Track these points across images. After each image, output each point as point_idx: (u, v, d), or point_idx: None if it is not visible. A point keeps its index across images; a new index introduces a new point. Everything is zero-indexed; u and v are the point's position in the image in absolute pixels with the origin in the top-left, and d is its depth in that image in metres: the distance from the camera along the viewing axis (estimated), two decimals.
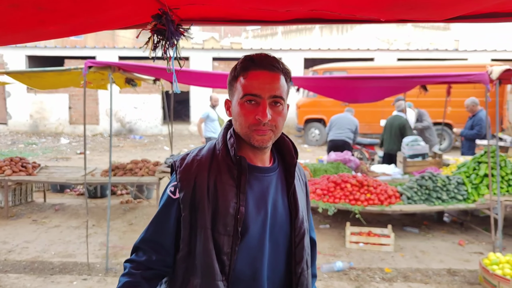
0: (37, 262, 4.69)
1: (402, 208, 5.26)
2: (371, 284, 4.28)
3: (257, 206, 1.30)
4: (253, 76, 1.25)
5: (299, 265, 1.36)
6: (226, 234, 1.25)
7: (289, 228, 1.36)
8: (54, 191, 7.67)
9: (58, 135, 15.60)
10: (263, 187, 1.33)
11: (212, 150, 1.34)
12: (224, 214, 1.25)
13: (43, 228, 5.80)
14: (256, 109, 1.24)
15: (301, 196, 1.42)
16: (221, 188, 1.27)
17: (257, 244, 1.29)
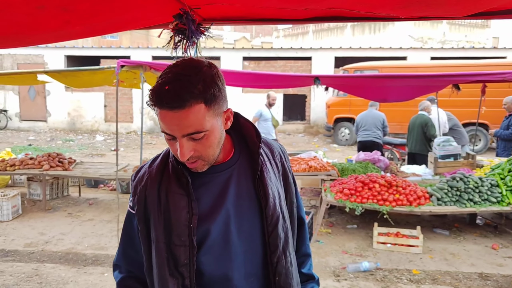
0: (72, 254, 4.89)
1: (432, 209, 5.15)
2: (398, 285, 4.23)
3: (215, 207, 1.24)
4: (161, 116, 1.11)
5: (275, 254, 1.28)
6: (182, 245, 1.20)
7: (260, 218, 1.28)
8: (89, 186, 7.95)
9: (93, 132, 16.12)
10: (220, 185, 1.26)
11: (166, 159, 1.28)
12: (177, 224, 1.20)
13: (78, 221, 6.03)
14: (175, 144, 1.15)
15: (273, 180, 1.32)
16: (172, 198, 1.22)
17: (222, 245, 1.24)
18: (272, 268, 1.29)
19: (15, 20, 1.31)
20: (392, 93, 5.93)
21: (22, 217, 6.14)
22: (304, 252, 1.50)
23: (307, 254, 1.51)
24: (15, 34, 1.44)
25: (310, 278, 1.49)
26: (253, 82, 6.47)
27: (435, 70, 10.74)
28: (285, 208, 1.35)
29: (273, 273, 1.29)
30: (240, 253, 1.26)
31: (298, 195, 1.47)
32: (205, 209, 1.23)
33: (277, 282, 1.29)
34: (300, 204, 1.48)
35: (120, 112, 15.69)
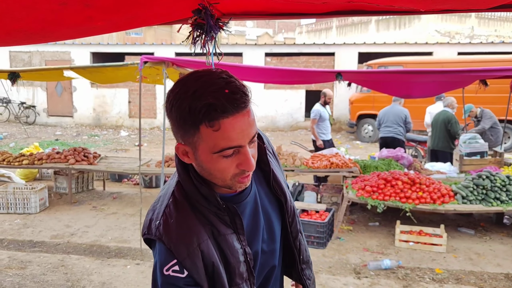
0: (96, 246, 5.01)
1: (456, 207, 5.05)
2: (420, 284, 4.16)
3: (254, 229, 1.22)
4: (227, 127, 0.98)
5: (296, 238, 1.37)
6: (244, 280, 1.17)
7: (280, 214, 1.31)
8: (113, 180, 8.11)
9: (118, 128, 16.42)
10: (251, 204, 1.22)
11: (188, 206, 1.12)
12: (237, 265, 1.15)
13: (102, 214, 6.17)
14: (237, 158, 1.04)
15: (278, 170, 1.33)
16: (223, 241, 1.13)
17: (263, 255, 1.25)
18: (296, 251, 1.38)
19: (41, 17, 1.35)
20: (416, 89, 5.81)
21: (49, 209, 6.32)
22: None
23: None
24: (40, 30, 1.48)
25: None
26: (275, 78, 6.46)
27: (462, 65, 10.46)
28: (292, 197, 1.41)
29: (298, 254, 1.39)
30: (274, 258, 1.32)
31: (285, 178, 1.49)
32: (249, 236, 1.19)
33: (301, 260, 1.41)
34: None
35: (143, 108, 15.92)
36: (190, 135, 1.02)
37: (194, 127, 1.00)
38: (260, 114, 15.74)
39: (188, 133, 1.02)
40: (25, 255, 4.69)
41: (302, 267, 1.43)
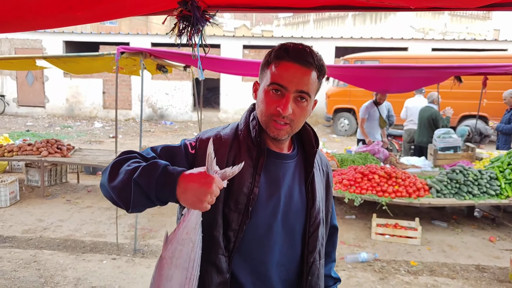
0: (70, 240, 4.89)
1: (431, 201, 5.16)
2: (396, 276, 4.24)
3: (270, 192, 1.30)
4: (284, 67, 1.23)
5: (311, 254, 1.36)
6: (237, 211, 1.26)
7: (305, 217, 1.36)
8: (87, 173, 7.92)
9: (92, 119, 16.05)
10: (279, 173, 1.33)
11: (235, 130, 1.35)
12: (238, 192, 1.26)
13: (76, 208, 6.02)
14: (279, 100, 1.23)
15: (319, 186, 1.41)
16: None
17: (265, 228, 1.30)
18: (307, 267, 1.37)
19: (18, 4, 1.27)
20: (393, 84, 5.89)
21: (20, 203, 6.13)
22: (334, 257, 1.63)
23: (335, 259, 1.64)
24: (17, 18, 1.40)
25: (337, 281, 1.62)
26: (253, 70, 6.42)
27: (436, 61, 10.69)
28: (324, 215, 1.44)
29: (307, 272, 1.37)
30: (279, 242, 1.32)
31: (333, 205, 1.56)
32: (262, 189, 1.29)
33: (308, 282, 1.37)
34: (334, 214, 1.58)
35: (118, 99, 15.59)
36: (263, 72, 1.30)
37: (266, 65, 1.28)
38: (238, 106, 15.68)
39: (262, 71, 1.30)
40: None
41: None
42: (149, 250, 4.70)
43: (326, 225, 1.48)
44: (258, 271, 1.31)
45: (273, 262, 1.32)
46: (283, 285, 1.36)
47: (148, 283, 3.67)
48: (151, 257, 4.52)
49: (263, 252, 1.31)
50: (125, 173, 1.15)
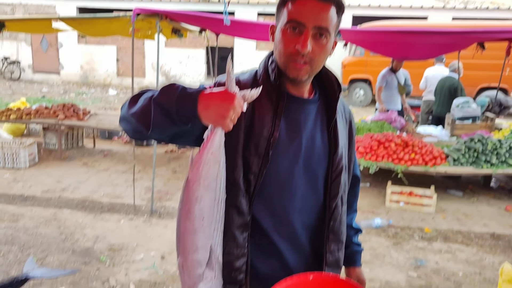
0: (88, 201, 4.99)
1: (448, 169, 5.11)
2: (410, 242, 4.26)
3: (290, 136, 1.28)
4: (301, 3, 1.17)
5: (334, 200, 1.35)
6: (257, 155, 1.24)
7: (327, 163, 1.35)
8: (103, 138, 8.01)
9: (106, 87, 16.10)
10: (299, 117, 1.30)
11: (254, 76, 1.32)
12: (258, 135, 1.23)
13: (93, 171, 6.12)
14: (297, 38, 1.18)
15: (342, 133, 1.38)
16: (258, 110, 1.25)
17: (286, 173, 1.29)
18: (329, 213, 1.36)
19: None
20: (413, 51, 5.74)
21: (38, 165, 6.24)
22: (355, 208, 1.62)
23: (356, 210, 1.63)
24: None
25: (359, 231, 1.62)
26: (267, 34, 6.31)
27: None
28: (346, 162, 1.42)
29: (329, 218, 1.36)
30: (300, 187, 1.31)
31: (355, 155, 1.52)
32: (282, 133, 1.27)
33: (331, 227, 1.37)
34: (357, 164, 1.56)
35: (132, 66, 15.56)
36: (279, 12, 1.24)
37: (282, 4, 1.22)
38: None
39: (278, 11, 1.24)
40: (17, 209, 4.65)
41: (329, 236, 1.37)
42: (166, 211, 4.78)
43: (349, 174, 1.46)
44: (280, 216, 1.31)
45: (295, 207, 1.32)
46: (305, 231, 1.36)
47: (165, 242, 3.75)
48: (167, 218, 4.60)
49: (284, 197, 1.30)
50: (145, 99, 1.13)
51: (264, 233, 1.32)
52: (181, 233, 1.03)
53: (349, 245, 1.56)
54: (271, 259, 1.34)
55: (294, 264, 1.35)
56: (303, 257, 1.38)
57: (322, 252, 1.38)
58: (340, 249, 1.43)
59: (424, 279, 3.56)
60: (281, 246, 1.33)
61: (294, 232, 1.34)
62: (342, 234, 1.42)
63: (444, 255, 4.00)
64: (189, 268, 1.01)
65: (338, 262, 1.42)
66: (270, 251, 1.33)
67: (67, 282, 3.28)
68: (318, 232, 1.38)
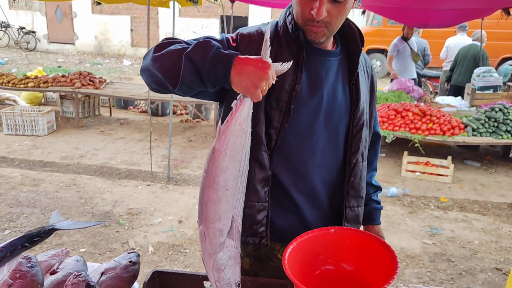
0: (106, 168, 5.07)
1: (466, 139, 5.04)
2: (425, 211, 4.26)
3: (312, 89, 1.26)
4: None
5: (354, 155, 1.35)
6: (278, 108, 1.23)
7: (348, 118, 1.33)
8: (119, 107, 8.06)
9: (120, 57, 16.08)
10: (321, 70, 1.28)
11: (275, 27, 1.29)
12: (279, 89, 1.21)
13: (110, 139, 6.19)
14: (312, 3, 1.14)
15: (364, 87, 1.35)
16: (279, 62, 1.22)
17: (306, 127, 1.28)
18: (349, 168, 1.35)
19: None
20: (434, 17, 5.57)
21: (56, 132, 6.33)
22: (375, 166, 1.60)
23: (376, 168, 1.61)
24: None
25: (378, 189, 1.61)
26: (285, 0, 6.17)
27: None
28: (368, 117, 1.40)
29: (349, 173, 1.36)
30: (321, 142, 1.31)
31: (376, 112, 1.50)
32: (304, 86, 1.25)
33: (350, 183, 1.36)
34: (377, 121, 1.53)
35: (146, 37, 15.47)
36: None
37: None
38: None
39: None
40: (37, 174, 4.76)
41: (349, 192, 1.37)
42: (182, 178, 4.83)
43: (370, 130, 1.44)
44: (299, 170, 1.31)
45: (315, 162, 1.31)
46: (324, 186, 1.36)
47: (182, 207, 3.79)
48: (184, 185, 4.66)
49: (304, 152, 1.30)
50: (173, 51, 1.09)
51: (283, 188, 1.32)
52: (204, 202, 1.04)
53: (368, 203, 1.55)
54: (289, 214, 1.35)
55: (312, 220, 1.36)
56: (322, 213, 1.38)
57: (341, 208, 1.38)
58: (360, 205, 1.43)
59: (439, 247, 3.57)
60: (299, 201, 1.33)
61: (313, 187, 1.34)
62: (362, 190, 1.42)
63: (460, 224, 4.00)
64: (211, 236, 1.03)
65: (358, 218, 1.43)
66: (288, 206, 1.34)
67: (88, 244, 3.38)
68: (338, 188, 1.38)
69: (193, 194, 4.36)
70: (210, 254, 1.04)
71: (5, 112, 5.98)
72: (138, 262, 1.26)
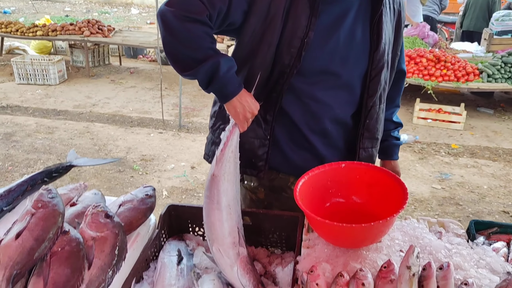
0: (118, 116, 5.12)
1: (480, 85, 4.95)
2: (435, 157, 4.27)
3: (327, 34, 1.23)
4: None
5: (371, 98, 1.32)
6: (289, 54, 1.21)
7: (367, 60, 1.29)
8: (128, 57, 7.99)
9: (128, 6, 15.73)
10: (339, 11, 1.23)
11: None
12: (292, 35, 1.19)
13: (121, 87, 6.20)
14: None
15: (387, 26, 1.30)
16: (294, 8, 1.18)
17: (319, 71, 1.26)
18: (365, 111, 1.34)
19: None
20: None
21: (68, 82, 6.35)
22: (397, 103, 1.57)
23: (398, 105, 1.58)
24: None
25: (399, 126, 1.59)
26: None
27: None
28: (390, 58, 1.35)
29: (365, 116, 1.34)
30: (334, 84, 1.29)
31: (403, 48, 1.45)
32: (318, 32, 1.21)
33: (366, 125, 1.35)
34: (403, 57, 1.49)
35: None
36: None
37: None
38: None
39: None
40: (51, 122, 4.83)
41: (364, 134, 1.36)
42: (193, 126, 4.87)
43: (392, 70, 1.40)
44: (311, 110, 1.30)
45: (328, 104, 1.30)
46: (337, 126, 1.35)
47: (194, 154, 3.85)
48: (195, 132, 4.70)
49: (317, 93, 1.28)
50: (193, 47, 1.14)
51: (296, 127, 1.33)
52: (212, 223, 1.14)
53: (387, 138, 1.55)
54: (303, 150, 1.36)
55: (327, 156, 1.37)
56: (337, 151, 1.39)
57: (355, 148, 1.39)
58: (374, 146, 1.43)
59: (448, 191, 3.61)
60: (313, 139, 1.34)
61: (325, 127, 1.34)
62: (378, 132, 1.41)
63: (470, 169, 4.02)
64: (227, 250, 1.12)
65: (372, 158, 1.44)
66: (302, 143, 1.36)
67: (104, 188, 3.48)
68: (352, 128, 1.38)
69: (204, 141, 4.39)
70: (231, 266, 1.11)
71: (16, 61, 5.99)
72: (154, 195, 1.31)
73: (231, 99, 1.18)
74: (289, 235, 1.30)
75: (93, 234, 1.06)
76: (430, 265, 0.96)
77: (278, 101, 1.28)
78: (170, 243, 1.29)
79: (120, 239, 1.09)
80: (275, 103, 1.28)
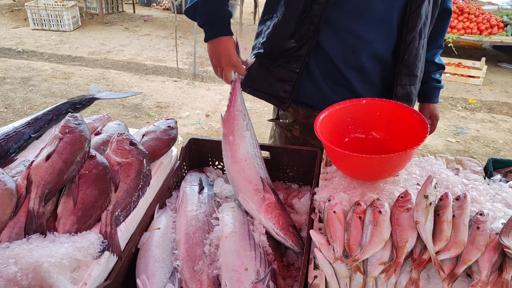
0: (132, 63, 5.11)
1: (504, 39, 4.80)
2: (452, 111, 4.23)
3: None
4: None
5: (410, 33, 1.27)
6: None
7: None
8: (142, 4, 7.86)
9: None
10: None
11: None
12: None
13: (135, 35, 6.14)
14: None
15: None
16: None
17: (358, 4, 1.23)
18: (404, 46, 1.29)
19: None
20: None
21: (82, 28, 6.30)
22: (440, 44, 1.48)
23: (441, 46, 1.49)
24: None
25: (441, 68, 1.51)
26: None
27: None
28: None
29: (403, 51, 1.30)
30: (373, 18, 1.25)
31: None
32: None
33: (404, 60, 1.31)
34: None
35: None
36: None
37: None
38: None
39: None
40: (67, 68, 4.85)
41: (402, 70, 1.32)
42: (208, 76, 4.85)
43: (435, 7, 1.34)
44: (348, 45, 1.28)
45: (366, 38, 1.27)
46: (375, 62, 1.33)
47: (209, 102, 3.85)
48: (209, 81, 4.69)
49: (354, 27, 1.25)
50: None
51: (333, 63, 1.31)
52: (233, 176, 1.20)
53: (428, 81, 1.49)
54: (340, 87, 1.35)
55: (364, 93, 1.35)
56: (373, 88, 1.37)
57: (393, 85, 1.36)
58: (413, 84, 1.38)
59: (462, 145, 3.60)
60: (349, 75, 1.33)
61: (362, 63, 1.31)
62: (417, 69, 1.36)
63: (487, 124, 3.98)
64: (252, 195, 1.16)
65: (410, 96, 1.39)
66: (338, 80, 1.34)
67: None
68: (391, 65, 1.34)
69: (218, 90, 4.40)
70: (258, 211, 1.14)
71: (30, 6, 5.93)
72: (176, 127, 1.33)
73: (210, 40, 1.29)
74: (307, 170, 1.33)
75: (119, 160, 1.10)
76: (447, 195, 0.98)
77: (315, 35, 1.26)
78: (191, 174, 1.33)
79: (145, 165, 1.13)
80: (311, 37, 1.26)
